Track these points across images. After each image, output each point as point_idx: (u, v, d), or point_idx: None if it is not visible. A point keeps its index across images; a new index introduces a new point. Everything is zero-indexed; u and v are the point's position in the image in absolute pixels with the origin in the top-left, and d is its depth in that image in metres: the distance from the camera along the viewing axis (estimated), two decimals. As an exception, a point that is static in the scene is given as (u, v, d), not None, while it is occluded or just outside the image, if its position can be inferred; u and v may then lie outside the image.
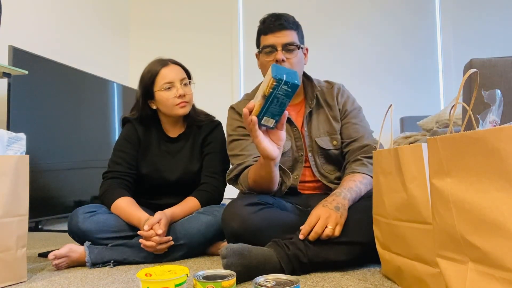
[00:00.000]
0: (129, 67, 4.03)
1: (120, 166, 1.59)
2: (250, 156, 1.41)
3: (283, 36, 1.39)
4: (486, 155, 0.64)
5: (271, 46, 1.39)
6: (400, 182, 0.95)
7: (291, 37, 1.40)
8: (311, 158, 1.47)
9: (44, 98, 2.38)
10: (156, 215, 1.39)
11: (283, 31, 1.39)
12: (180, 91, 1.55)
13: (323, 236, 1.14)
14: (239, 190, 1.45)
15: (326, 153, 1.46)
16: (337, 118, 1.48)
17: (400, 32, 3.74)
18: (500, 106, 0.79)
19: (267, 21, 1.42)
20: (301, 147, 1.46)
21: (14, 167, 1.15)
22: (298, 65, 1.41)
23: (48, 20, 2.94)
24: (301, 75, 1.49)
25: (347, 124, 1.48)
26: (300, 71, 1.45)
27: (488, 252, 0.64)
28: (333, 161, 1.48)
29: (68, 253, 1.34)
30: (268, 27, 1.41)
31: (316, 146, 1.46)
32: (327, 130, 1.47)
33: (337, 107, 1.49)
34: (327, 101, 1.50)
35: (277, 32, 1.39)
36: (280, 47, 1.38)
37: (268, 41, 1.40)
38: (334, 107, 1.49)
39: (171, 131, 1.66)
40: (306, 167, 1.48)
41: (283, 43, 1.38)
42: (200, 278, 0.84)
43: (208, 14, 4.02)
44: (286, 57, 1.38)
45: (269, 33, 1.40)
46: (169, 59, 1.62)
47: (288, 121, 1.45)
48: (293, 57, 1.40)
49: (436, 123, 2.28)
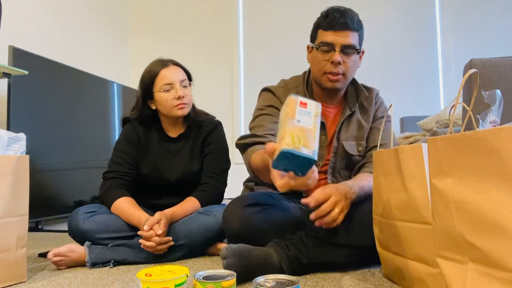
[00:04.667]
0: (129, 67, 4.03)
1: (120, 166, 1.59)
2: (272, 131, 1.30)
3: (345, 37, 1.28)
4: (486, 155, 0.64)
5: (329, 44, 1.29)
6: (400, 182, 0.95)
7: (352, 39, 1.29)
8: (332, 161, 1.40)
9: (44, 98, 2.38)
10: (156, 215, 1.39)
11: (346, 31, 1.28)
12: (180, 92, 1.54)
13: (327, 220, 1.08)
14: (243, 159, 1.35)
15: (349, 158, 1.41)
16: (368, 123, 1.43)
17: (400, 32, 3.73)
18: (500, 106, 0.79)
19: (330, 15, 1.30)
20: (323, 157, 1.40)
21: (14, 167, 1.15)
22: (352, 69, 1.34)
23: (48, 20, 2.94)
24: (352, 77, 1.41)
25: (374, 130, 1.42)
26: (353, 74, 1.39)
27: (488, 252, 0.64)
28: (352, 168, 1.42)
29: (68, 253, 1.34)
30: (330, 22, 1.28)
31: (341, 149, 1.40)
32: (355, 135, 1.41)
33: (373, 113, 1.43)
34: (363, 105, 1.44)
35: (339, 30, 1.28)
36: (339, 47, 1.28)
37: (327, 38, 1.29)
38: (370, 112, 1.43)
39: (171, 131, 1.66)
40: (321, 172, 1.40)
41: (343, 44, 1.28)
42: (200, 278, 0.84)
43: (208, 14, 4.02)
44: (343, 59, 1.29)
45: (329, 30, 1.29)
46: (169, 59, 1.61)
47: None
48: (349, 61, 1.31)
49: (436, 123, 2.28)
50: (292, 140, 0.79)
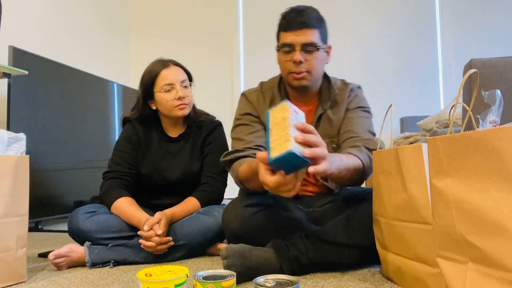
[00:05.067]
0: (130, 67, 4.03)
1: (120, 166, 1.59)
2: (251, 143, 1.34)
3: (303, 35, 1.28)
4: (486, 155, 0.64)
5: (289, 45, 1.29)
6: (400, 182, 0.95)
7: (312, 37, 1.28)
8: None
9: (44, 98, 2.38)
10: (156, 215, 1.39)
11: (304, 29, 1.27)
12: (180, 93, 1.54)
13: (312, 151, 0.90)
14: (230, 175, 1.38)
15: None
16: (340, 117, 1.39)
17: (400, 32, 3.73)
18: (500, 106, 0.79)
19: (287, 16, 1.31)
20: None
21: (14, 167, 1.15)
22: (317, 66, 1.33)
23: (48, 20, 2.94)
24: (321, 75, 1.40)
25: (346, 119, 1.37)
26: (320, 72, 1.38)
27: (488, 252, 0.64)
28: None
29: (68, 253, 1.34)
30: (288, 23, 1.29)
31: None
32: (327, 133, 1.38)
33: (345, 106, 1.40)
34: (336, 102, 1.41)
35: (297, 30, 1.28)
36: (299, 47, 1.28)
37: (287, 39, 1.30)
38: (342, 106, 1.40)
39: (171, 131, 1.66)
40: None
41: (302, 43, 1.28)
42: (200, 278, 0.84)
43: (209, 14, 4.02)
44: (305, 58, 1.29)
45: (288, 31, 1.29)
46: (170, 59, 1.61)
47: None
48: (312, 59, 1.30)
49: (436, 123, 2.28)
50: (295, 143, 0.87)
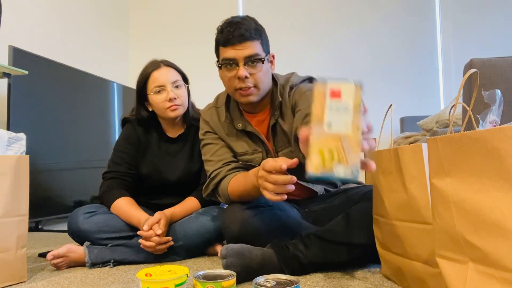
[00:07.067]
0: (129, 67, 4.03)
1: (120, 166, 1.59)
2: (220, 162, 1.34)
3: (245, 49, 1.21)
4: (486, 155, 0.64)
5: (231, 60, 1.22)
6: (400, 182, 0.95)
7: (254, 49, 1.22)
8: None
9: (44, 98, 2.38)
10: (155, 215, 1.39)
11: (244, 42, 1.21)
12: (171, 94, 1.51)
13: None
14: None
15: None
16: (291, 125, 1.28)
17: (400, 32, 3.73)
18: (500, 106, 0.79)
19: (225, 30, 1.22)
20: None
21: (14, 167, 1.15)
22: (263, 78, 1.26)
23: (48, 20, 2.94)
24: (269, 85, 1.32)
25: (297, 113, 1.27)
26: (267, 84, 1.30)
27: (488, 252, 0.64)
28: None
29: (67, 253, 1.34)
30: (227, 38, 1.21)
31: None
32: (285, 142, 1.32)
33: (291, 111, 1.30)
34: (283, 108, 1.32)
35: (237, 44, 1.21)
36: (242, 61, 1.21)
37: (228, 54, 1.22)
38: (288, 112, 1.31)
39: (170, 132, 1.66)
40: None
41: (245, 56, 1.21)
42: (200, 278, 0.84)
43: (209, 14, 4.02)
44: (250, 72, 1.22)
45: (228, 45, 1.22)
46: (162, 60, 1.59)
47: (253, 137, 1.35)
48: (257, 72, 1.23)
49: (436, 123, 2.28)
50: (322, 159, 0.61)
